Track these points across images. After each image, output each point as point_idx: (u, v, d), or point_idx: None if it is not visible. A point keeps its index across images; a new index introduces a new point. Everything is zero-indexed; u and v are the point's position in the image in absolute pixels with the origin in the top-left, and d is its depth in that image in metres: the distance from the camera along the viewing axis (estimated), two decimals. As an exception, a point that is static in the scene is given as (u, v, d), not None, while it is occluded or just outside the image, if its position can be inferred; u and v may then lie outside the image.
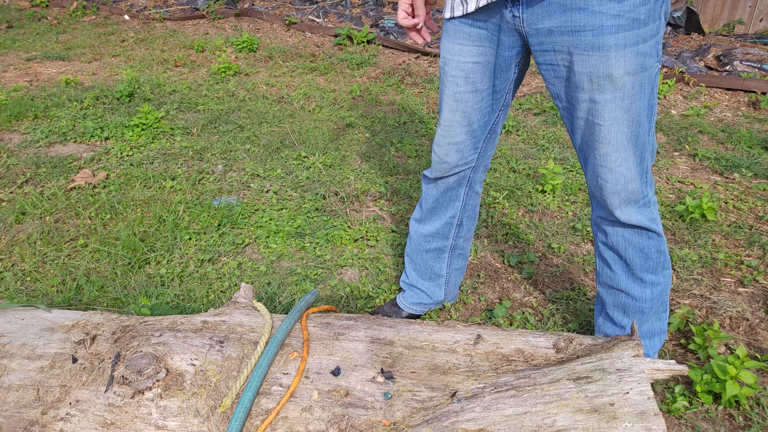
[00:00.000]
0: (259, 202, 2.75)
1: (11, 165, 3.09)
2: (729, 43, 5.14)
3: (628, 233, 1.47)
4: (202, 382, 1.03)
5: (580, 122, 1.33)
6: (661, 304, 1.56)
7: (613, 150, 1.31)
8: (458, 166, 1.61)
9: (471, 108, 1.49)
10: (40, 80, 4.60)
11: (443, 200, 1.72)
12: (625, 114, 1.27)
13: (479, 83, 1.45)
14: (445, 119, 1.53)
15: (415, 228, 1.83)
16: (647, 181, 1.40)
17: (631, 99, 1.25)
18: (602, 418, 0.85)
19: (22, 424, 1.03)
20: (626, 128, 1.29)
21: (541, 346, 1.04)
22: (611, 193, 1.38)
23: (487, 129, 1.56)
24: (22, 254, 2.34)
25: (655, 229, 1.45)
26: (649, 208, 1.44)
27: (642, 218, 1.43)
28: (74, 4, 7.10)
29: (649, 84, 1.26)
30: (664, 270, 1.52)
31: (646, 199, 1.42)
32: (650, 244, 1.47)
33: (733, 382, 1.55)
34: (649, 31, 1.19)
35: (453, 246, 1.83)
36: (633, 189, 1.37)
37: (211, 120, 3.76)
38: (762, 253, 2.32)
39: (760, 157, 3.16)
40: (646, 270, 1.50)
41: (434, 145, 1.61)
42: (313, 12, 6.30)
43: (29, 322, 1.23)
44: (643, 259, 1.49)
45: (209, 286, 2.17)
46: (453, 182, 1.67)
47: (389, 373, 1.01)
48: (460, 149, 1.57)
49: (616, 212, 1.42)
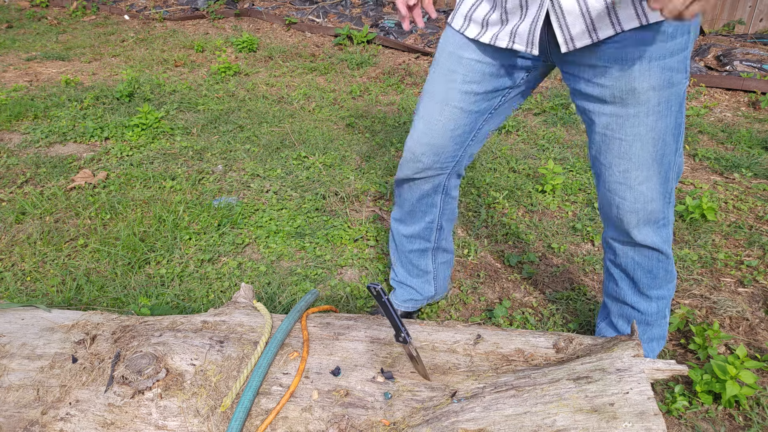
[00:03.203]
0: (259, 202, 2.75)
1: (11, 165, 3.09)
2: (729, 43, 5.14)
3: (639, 255, 1.42)
4: (202, 382, 1.03)
5: (598, 136, 1.27)
6: (664, 314, 1.55)
7: (634, 167, 1.25)
8: (431, 170, 1.49)
9: (461, 109, 1.37)
10: (40, 80, 4.60)
11: (420, 206, 1.63)
12: (650, 132, 1.21)
13: (477, 85, 1.34)
14: (428, 115, 1.40)
15: (396, 227, 1.75)
16: (670, 201, 1.35)
17: (657, 116, 1.19)
18: (602, 418, 0.85)
19: (22, 424, 1.03)
20: (651, 146, 1.22)
21: (541, 346, 1.04)
22: (629, 212, 1.32)
23: (471, 135, 1.45)
24: (22, 254, 2.34)
25: (666, 251, 1.41)
26: (667, 229, 1.39)
27: (657, 239, 1.38)
28: (74, 4, 7.10)
29: (676, 101, 1.20)
30: (668, 284, 1.49)
31: (665, 220, 1.37)
32: (659, 266, 1.43)
33: (733, 382, 1.55)
34: (676, 45, 1.14)
35: (435, 247, 1.78)
36: (653, 209, 1.32)
37: (211, 120, 3.76)
38: (762, 253, 2.32)
39: (760, 157, 3.16)
40: (652, 287, 1.47)
41: (409, 141, 1.47)
42: (313, 12, 6.30)
43: (29, 322, 1.23)
44: (651, 279, 1.45)
45: (209, 286, 2.17)
46: (428, 189, 1.57)
47: (389, 373, 1.01)
48: (438, 152, 1.45)
49: (633, 231, 1.36)
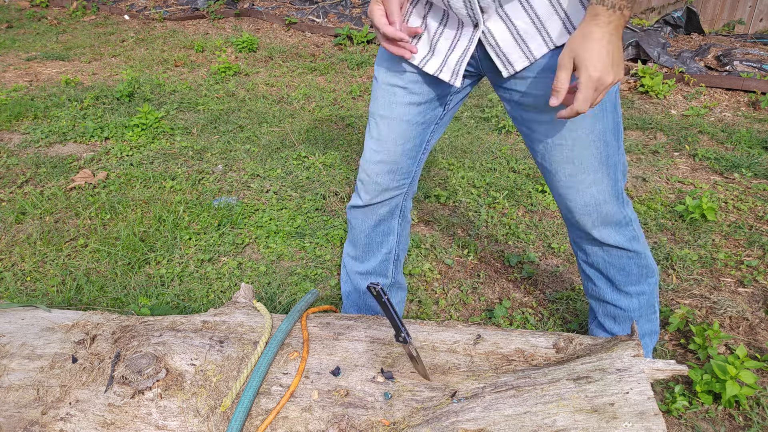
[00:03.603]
0: (259, 202, 2.75)
1: (11, 165, 3.09)
2: (729, 43, 5.14)
3: (607, 255, 1.42)
4: (202, 382, 1.03)
5: (539, 145, 1.27)
6: (648, 308, 1.54)
7: (579, 171, 1.26)
8: (390, 190, 1.45)
9: (408, 122, 1.35)
10: (40, 80, 4.60)
11: (376, 236, 1.56)
12: (589, 134, 1.21)
13: (419, 96, 1.32)
14: (378, 134, 1.38)
15: (350, 265, 1.66)
16: (623, 201, 1.35)
17: (593, 118, 1.20)
18: (602, 418, 0.85)
19: (22, 424, 1.03)
20: (593, 149, 1.23)
21: (541, 346, 1.04)
22: (583, 215, 1.33)
23: (422, 147, 1.42)
24: (22, 254, 2.34)
25: (634, 248, 1.40)
26: (630, 227, 1.39)
27: (620, 239, 1.38)
28: (74, 4, 7.10)
29: (610, 101, 1.21)
30: (648, 278, 1.48)
31: (626, 219, 1.37)
32: (630, 263, 1.43)
33: (733, 382, 1.55)
34: None
35: (392, 283, 1.70)
36: (608, 211, 1.32)
37: (211, 120, 3.76)
38: (762, 253, 2.32)
39: (760, 157, 3.16)
40: (630, 284, 1.47)
41: (363, 163, 1.44)
42: (313, 12, 6.30)
43: (29, 322, 1.23)
44: (625, 276, 1.45)
45: (209, 286, 2.17)
46: (385, 213, 1.51)
47: (389, 373, 1.01)
48: (393, 169, 1.41)
49: (593, 232, 1.36)
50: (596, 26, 0.99)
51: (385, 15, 1.20)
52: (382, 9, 1.20)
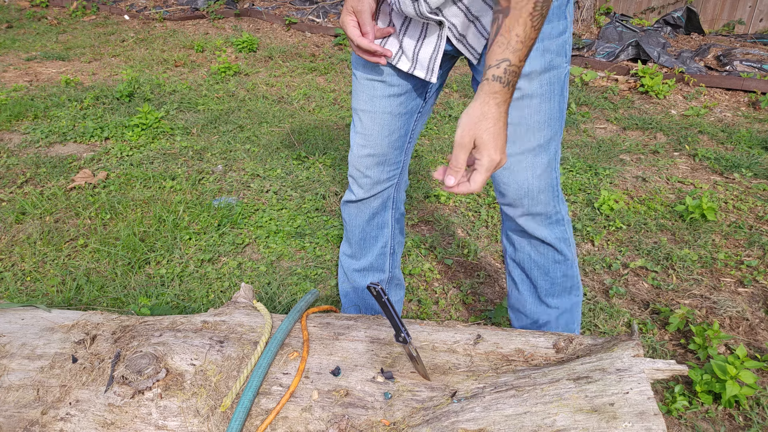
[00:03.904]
0: (259, 202, 2.75)
1: (11, 165, 3.09)
2: (729, 43, 5.14)
3: (534, 251, 1.38)
4: (202, 382, 1.03)
5: None
6: (567, 332, 1.45)
7: (517, 151, 1.23)
8: (381, 182, 1.46)
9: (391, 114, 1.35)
10: (40, 80, 4.60)
11: (371, 230, 1.56)
12: (534, 115, 1.19)
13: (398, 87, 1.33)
14: (363, 129, 1.39)
15: (348, 264, 1.66)
16: (558, 196, 1.31)
17: (540, 98, 1.18)
18: (602, 418, 0.85)
19: (22, 424, 1.03)
20: (536, 130, 1.21)
21: (541, 346, 1.04)
22: (514, 198, 1.30)
23: (407, 137, 1.43)
24: (22, 254, 2.34)
25: (562, 250, 1.36)
26: (562, 227, 1.35)
27: (548, 234, 1.34)
28: (74, 4, 7.10)
29: (558, 84, 1.19)
30: (571, 293, 1.44)
31: (558, 216, 1.33)
32: (556, 268, 1.39)
33: (733, 382, 1.55)
34: (554, 29, 1.14)
35: (389, 278, 1.70)
36: (540, 200, 1.28)
37: (211, 120, 3.76)
38: (762, 253, 2.32)
39: (760, 157, 3.16)
40: (551, 294, 1.43)
41: (351, 159, 1.44)
42: (313, 12, 6.30)
43: (29, 322, 1.23)
44: (549, 283, 1.41)
45: (209, 286, 2.17)
46: (378, 206, 1.52)
47: (389, 373, 1.01)
48: (381, 162, 1.42)
49: (521, 221, 1.33)
50: (495, 105, 0.97)
51: (358, 26, 1.21)
52: (355, 20, 1.21)
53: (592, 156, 3.25)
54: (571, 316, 1.46)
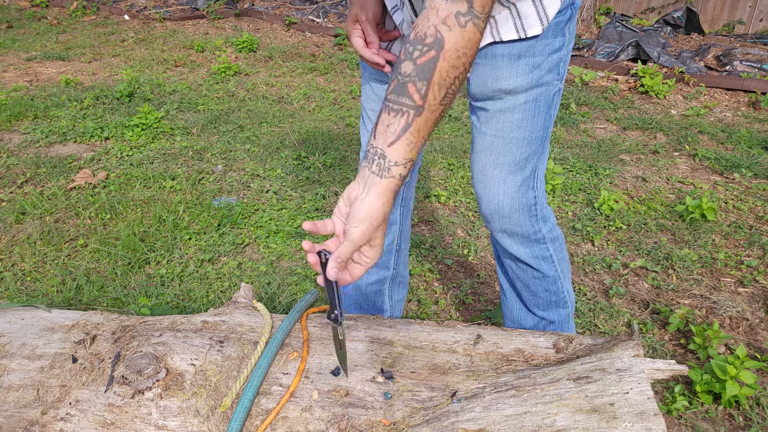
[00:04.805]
0: (259, 202, 2.75)
1: (11, 165, 3.09)
2: (729, 43, 5.14)
3: (514, 265, 1.34)
4: (202, 382, 1.03)
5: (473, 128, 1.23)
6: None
7: (492, 165, 1.19)
8: None
9: None
10: (40, 80, 4.60)
11: None
12: (515, 130, 1.15)
13: None
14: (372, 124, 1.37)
15: None
16: (537, 214, 1.26)
17: (522, 114, 1.14)
18: (602, 418, 0.85)
19: (22, 424, 1.03)
20: (514, 146, 1.17)
21: (541, 346, 1.04)
22: (486, 213, 1.26)
23: None
24: (22, 254, 2.34)
25: (542, 269, 1.31)
26: (542, 245, 1.29)
27: (524, 252, 1.29)
28: (74, 4, 7.10)
29: (545, 102, 1.15)
30: (557, 308, 1.40)
31: (538, 235, 1.28)
32: (537, 284, 1.35)
33: (733, 382, 1.55)
34: (547, 46, 1.10)
35: (393, 276, 1.67)
36: (515, 220, 1.23)
37: (211, 120, 3.75)
38: (762, 253, 2.32)
39: (760, 157, 3.16)
40: (537, 306, 1.40)
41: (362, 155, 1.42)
42: (313, 12, 6.30)
43: (29, 322, 1.23)
44: (531, 296, 1.37)
45: (209, 286, 2.17)
46: None
47: (389, 373, 1.01)
48: None
49: (497, 236, 1.28)
50: (388, 203, 0.92)
51: (363, 36, 1.19)
52: (359, 30, 1.19)
53: (592, 156, 3.25)
54: (559, 328, 1.43)
